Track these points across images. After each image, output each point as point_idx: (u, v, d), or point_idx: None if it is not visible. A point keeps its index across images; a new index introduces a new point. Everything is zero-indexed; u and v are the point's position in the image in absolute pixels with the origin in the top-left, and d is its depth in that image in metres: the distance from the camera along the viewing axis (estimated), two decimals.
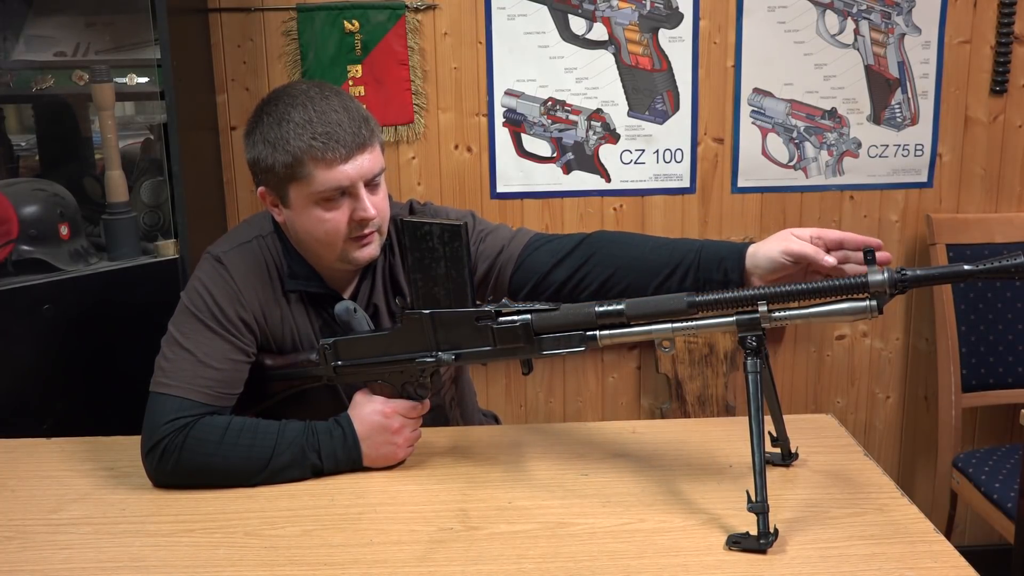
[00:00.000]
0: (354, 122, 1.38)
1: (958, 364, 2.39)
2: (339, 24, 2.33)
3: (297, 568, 1.13)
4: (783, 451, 1.37)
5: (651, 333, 1.23)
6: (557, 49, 2.37)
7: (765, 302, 1.16)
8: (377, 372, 1.39)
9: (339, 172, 1.36)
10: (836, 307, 1.15)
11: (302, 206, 1.40)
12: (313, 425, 1.37)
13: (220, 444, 1.33)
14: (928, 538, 1.16)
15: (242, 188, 2.41)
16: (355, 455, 1.36)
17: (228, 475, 1.33)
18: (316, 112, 1.37)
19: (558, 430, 1.53)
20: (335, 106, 1.38)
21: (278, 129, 1.38)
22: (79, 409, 1.87)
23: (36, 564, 1.15)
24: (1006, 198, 2.50)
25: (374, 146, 1.41)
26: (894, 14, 2.39)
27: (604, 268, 1.41)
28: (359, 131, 1.38)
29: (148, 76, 2.08)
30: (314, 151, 1.35)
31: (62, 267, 1.89)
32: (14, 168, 2.27)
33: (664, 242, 1.44)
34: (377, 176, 1.42)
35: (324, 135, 1.35)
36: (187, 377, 1.37)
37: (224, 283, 1.44)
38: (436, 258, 1.30)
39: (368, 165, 1.39)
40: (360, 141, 1.37)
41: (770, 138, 2.45)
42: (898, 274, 1.11)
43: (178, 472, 1.33)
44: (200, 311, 1.41)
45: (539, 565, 1.12)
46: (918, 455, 2.65)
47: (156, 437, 1.33)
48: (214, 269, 1.45)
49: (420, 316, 1.33)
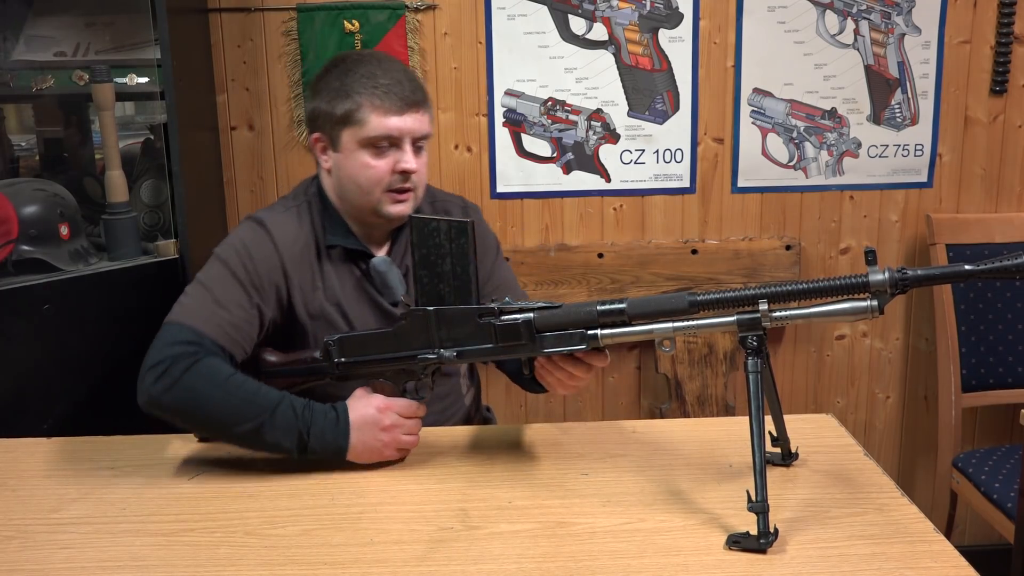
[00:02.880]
0: (412, 84, 1.54)
1: (958, 364, 2.39)
2: (339, 24, 2.33)
3: (297, 567, 1.13)
4: (783, 451, 1.37)
5: (652, 332, 1.23)
6: (557, 49, 2.37)
7: (766, 301, 1.16)
8: (380, 370, 1.41)
9: (391, 122, 1.50)
10: (837, 307, 1.15)
11: (351, 149, 1.52)
12: (312, 403, 1.39)
13: (221, 385, 1.34)
14: (928, 538, 1.16)
15: (242, 188, 2.41)
16: (342, 442, 1.37)
17: (215, 419, 1.35)
18: (381, 69, 1.53)
19: (558, 430, 1.53)
20: (398, 67, 1.55)
21: (344, 78, 1.53)
22: (79, 409, 1.87)
23: (36, 564, 1.15)
24: (1006, 198, 2.51)
25: (426, 111, 1.55)
26: (894, 14, 2.39)
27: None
28: (415, 92, 1.53)
29: (148, 76, 2.08)
30: (373, 98, 1.50)
31: (62, 267, 1.89)
32: (14, 168, 2.28)
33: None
34: (422, 140, 1.55)
35: (385, 86, 1.50)
36: (203, 313, 1.42)
37: (261, 242, 1.52)
38: (442, 255, 1.32)
39: (417, 125, 1.53)
40: (415, 100, 1.52)
41: (770, 138, 2.45)
42: (899, 273, 1.11)
43: (169, 397, 1.33)
44: (229, 260, 1.49)
45: (539, 565, 1.12)
46: (918, 455, 2.65)
47: (161, 356, 1.35)
48: (253, 229, 1.54)
49: (424, 313, 1.34)
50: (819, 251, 2.52)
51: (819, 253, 2.52)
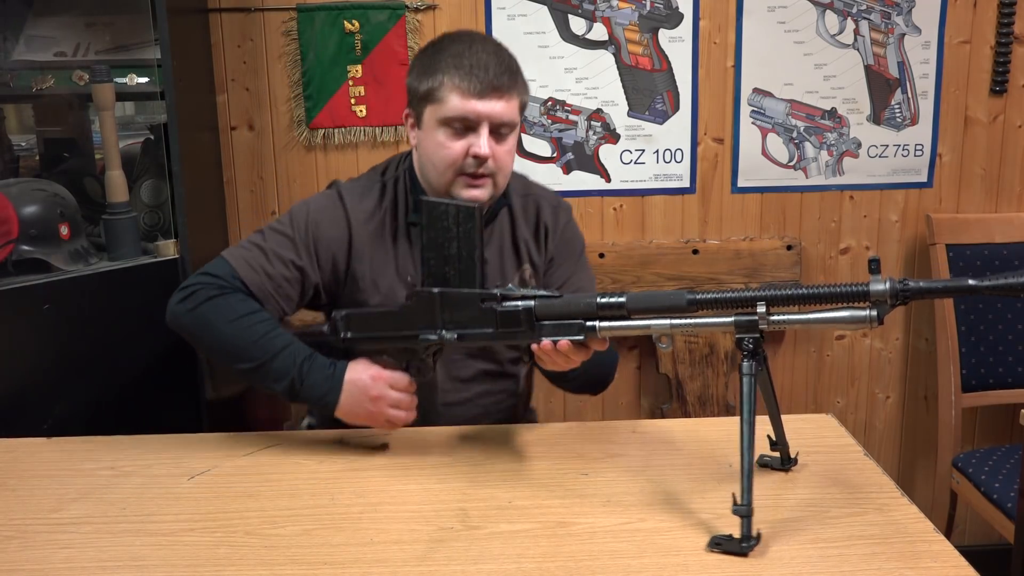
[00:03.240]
0: (500, 68, 1.48)
1: (958, 364, 2.39)
2: (339, 24, 2.33)
3: (297, 567, 1.13)
4: (782, 455, 1.36)
5: (650, 328, 1.23)
6: (557, 49, 2.37)
7: (764, 304, 1.15)
8: (383, 347, 1.43)
9: (469, 104, 1.47)
10: (836, 315, 1.15)
11: (431, 127, 1.51)
12: (316, 356, 1.43)
13: (238, 319, 1.43)
14: (928, 538, 1.16)
15: (242, 188, 2.41)
16: (331, 398, 1.41)
17: (221, 351, 1.44)
18: (470, 50, 1.49)
19: (558, 430, 1.53)
20: (489, 50, 1.50)
21: (435, 55, 1.51)
22: (79, 409, 1.87)
23: (37, 564, 1.15)
24: (1006, 198, 2.51)
25: (511, 98, 1.49)
26: (894, 14, 2.39)
27: None
28: (500, 76, 1.47)
29: (148, 76, 2.08)
30: (455, 78, 1.47)
31: (62, 267, 1.89)
32: (14, 168, 2.28)
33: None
34: (505, 127, 1.50)
35: (468, 67, 1.47)
36: (247, 257, 1.50)
37: (333, 213, 1.56)
38: (449, 238, 1.33)
39: (498, 111, 1.48)
40: (497, 85, 1.47)
41: (770, 138, 2.45)
42: (900, 285, 1.10)
43: (186, 319, 1.45)
44: (295, 218, 1.55)
45: (539, 565, 1.12)
46: (918, 455, 2.65)
47: (194, 281, 1.47)
48: (330, 199, 1.58)
49: (429, 294, 1.36)
50: (819, 251, 2.52)
51: (819, 253, 2.52)
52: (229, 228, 2.42)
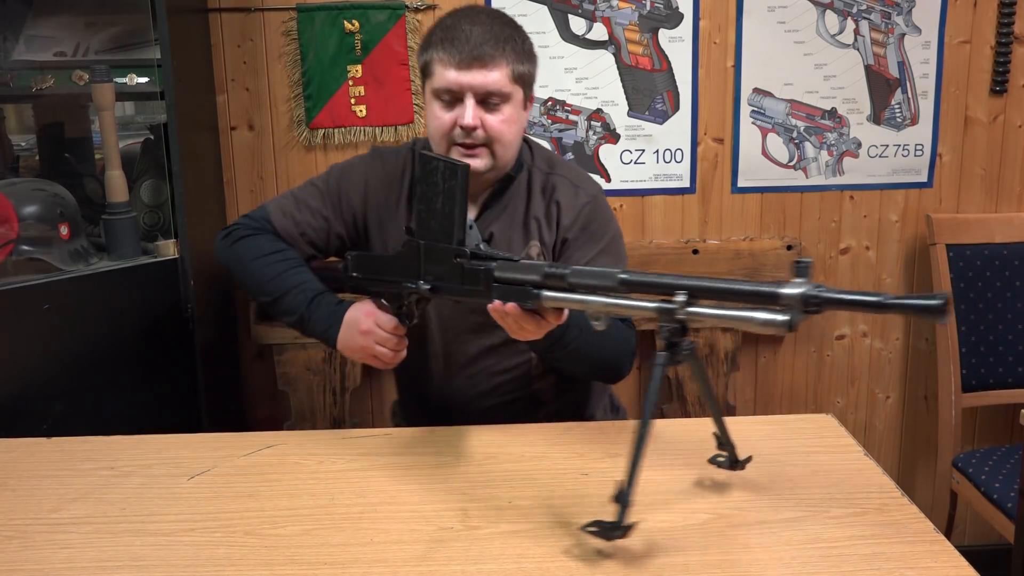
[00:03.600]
0: (484, 37, 1.50)
1: (958, 364, 2.39)
2: (339, 24, 2.33)
3: (297, 567, 1.13)
4: (730, 457, 1.33)
5: (587, 304, 1.21)
6: (557, 49, 2.37)
7: (685, 293, 1.10)
8: (379, 289, 1.50)
9: (450, 75, 1.51)
10: (748, 314, 1.07)
11: (429, 100, 1.57)
12: (326, 295, 1.56)
13: (262, 257, 1.60)
14: (928, 538, 1.16)
15: (242, 188, 2.41)
16: (333, 332, 1.53)
17: (247, 284, 1.63)
18: (459, 23, 1.53)
19: (558, 430, 1.53)
20: (481, 22, 1.53)
21: (431, 32, 1.57)
22: (79, 409, 1.87)
23: (36, 564, 1.15)
24: (1006, 198, 2.51)
25: (496, 67, 1.51)
26: (894, 14, 2.39)
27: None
28: (481, 46, 1.50)
29: (148, 76, 2.08)
30: (440, 51, 1.52)
31: (62, 267, 1.89)
32: (14, 168, 2.28)
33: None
34: (494, 96, 1.52)
35: (449, 40, 1.51)
36: (282, 205, 1.67)
37: (359, 169, 1.69)
38: (436, 192, 1.36)
39: (480, 80, 1.50)
40: (478, 55, 1.49)
41: (770, 138, 2.45)
42: (815, 290, 1.02)
43: (223, 255, 1.66)
44: (329, 175, 1.70)
45: (539, 565, 1.12)
46: (918, 455, 2.65)
47: (235, 223, 1.68)
48: (361, 158, 1.72)
49: (416, 245, 1.40)
50: (819, 251, 2.52)
51: (819, 253, 2.52)
52: None
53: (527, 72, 1.57)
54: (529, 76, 1.58)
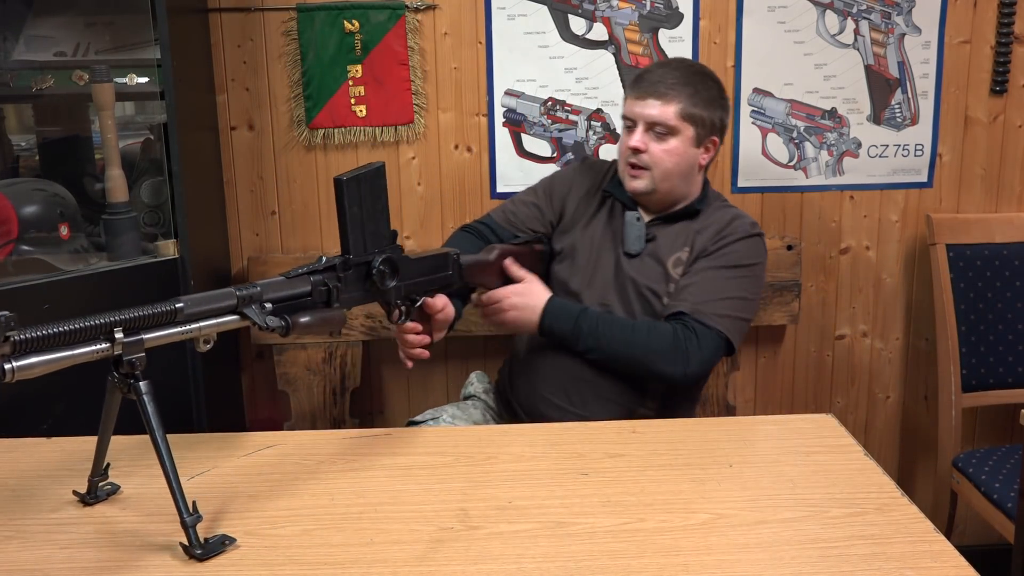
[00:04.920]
0: (665, 78, 1.81)
1: (958, 364, 2.39)
2: (339, 24, 2.33)
3: (297, 567, 1.13)
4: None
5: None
6: (557, 49, 2.37)
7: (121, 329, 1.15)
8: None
9: (629, 103, 1.85)
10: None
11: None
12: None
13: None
14: (928, 538, 1.16)
15: (242, 188, 2.41)
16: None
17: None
18: (657, 66, 1.88)
19: (558, 430, 1.53)
20: (672, 66, 1.85)
21: (642, 69, 1.91)
22: (79, 409, 1.87)
23: (36, 564, 1.15)
24: (1006, 198, 2.50)
25: (668, 102, 1.79)
26: (894, 14, 2.39)
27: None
28: (658, 84, 1.80)
29: (148, 76, 2.08)
30: (629, 85, 1.90)
31: (62, 267, 1.89)
32: (14, 168, 2.28)
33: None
34: (659, 127, 1.80)
35: (639, 76, 1.86)
36: (505, 203, 2.01)
37: (570, 170, 2.05)
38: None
39: (650, 111, 1.80)
40: (656, 91, 1.80)
41: (770, 138, 2.45)
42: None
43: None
44: (547, 177, 2.05)
45: (539, 565, 1.12)
46: (918, 455, 2.65)
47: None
48: (573, 164, 2.11)
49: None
50: (819, 251, 2.52)
51: (819, 253, 2.52)
52: (229, 228, 2.42)
53: (702, 116, 1.81)
54: (704, 119, 1.82)
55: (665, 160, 1.81)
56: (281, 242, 2.44)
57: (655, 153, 1.81)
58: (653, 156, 1.81)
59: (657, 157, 1.81)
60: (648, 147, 1.81)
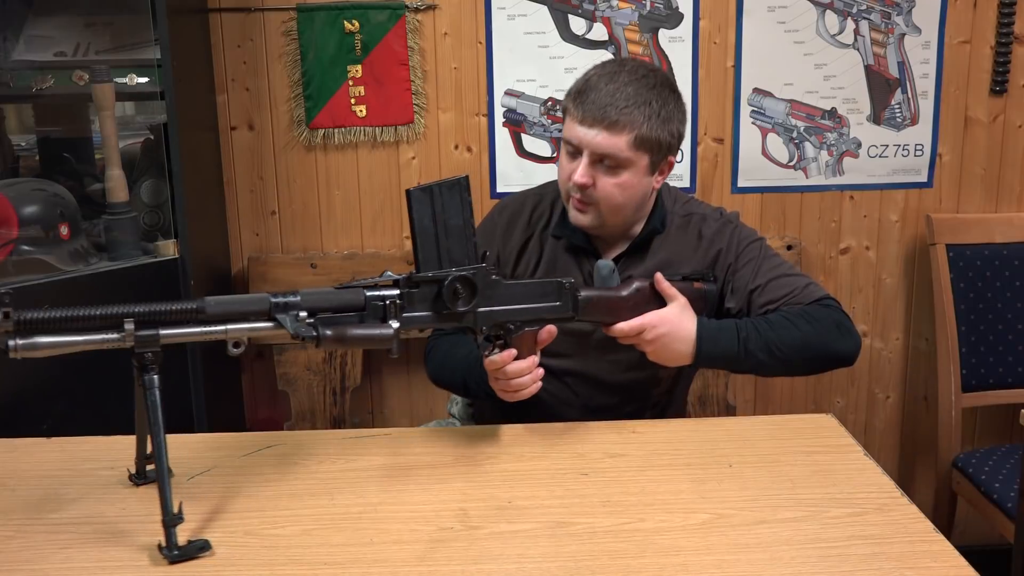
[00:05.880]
0: (615, 100, 1.48)
1: (958, 364, 2.39)
2: (339, 24, 2.33)
3: (297, 567, 1.13)
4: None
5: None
6: (557, 49, 2.37)
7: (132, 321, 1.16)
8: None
9: (572, 128, 1.52)
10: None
11: (562, 143, 1.58)
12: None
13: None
14: (928, 538, 1.16)
15: (242, 188, 2.41)
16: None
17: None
18: (601, 79, 1.51)
19: (558, 430, 1.53)
20: (620, 81, 1.50)
21: (582, 75, 1.55)
22: (79, 409, 1.87)
23: (36, 564, 1.15)
24: (1006, 198, 2.50)
25: (619, 131, 1.48)
26: (894, 14, 2.39)
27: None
28: (608, 108, 1.48)
29: (148, 76, 2.08)
30: (572, 101, 1.53)
31: (62, 267, 1.90)
32: (14, 168, 2.28)
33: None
34: (608, 159, 1.50)
35: (584, 93, 1.51)
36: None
37: (485, 225, 1.69)
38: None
39: (599, 140, 1.49)
40: (605, 117, 1.48)
41: (770, 138, 2.45)
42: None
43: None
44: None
45: (539, 565, 1.12)
46: (918, 455, 2.65)
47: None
48: (486, 225, 1.70)
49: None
50: (819, 251, 2.52)
51: (819, 253, 2.52)
52: (229, 228, 2.42)
53: (658, 138, 1.52)
54: (661, 142, 1.53)
55: (615, 195, 1.53)
56: (281, 242, 2.44)
57: (603, 188, 1.52)
58: (600, 192, 1.52)
59: (605, 192, 1.53)
60: (596, 181, 1.52)
